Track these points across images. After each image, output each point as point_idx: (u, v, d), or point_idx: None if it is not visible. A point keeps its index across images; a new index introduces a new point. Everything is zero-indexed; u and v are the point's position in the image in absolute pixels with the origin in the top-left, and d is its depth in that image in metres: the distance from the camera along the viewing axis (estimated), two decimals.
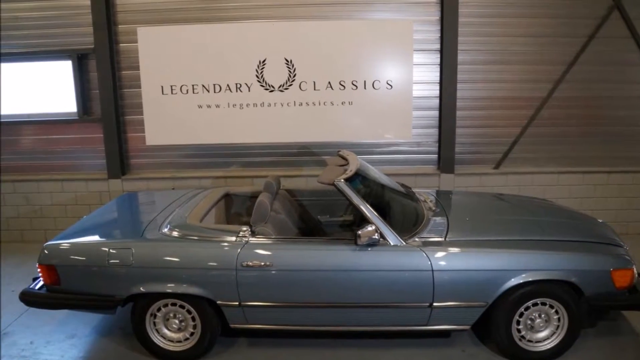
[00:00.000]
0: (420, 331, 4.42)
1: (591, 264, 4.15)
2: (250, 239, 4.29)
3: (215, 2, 7.03)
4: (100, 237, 4.73)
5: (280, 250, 4.25)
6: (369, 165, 5.25)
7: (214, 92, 7.11)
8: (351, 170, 4.53)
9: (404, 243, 4.18)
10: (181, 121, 7.25)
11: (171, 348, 4.42)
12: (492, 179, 7.33)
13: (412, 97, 7.13)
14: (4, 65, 7.25)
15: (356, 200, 4.25)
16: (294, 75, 7.06)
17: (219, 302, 4.22)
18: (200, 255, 4.25)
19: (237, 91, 7.11)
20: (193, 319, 4.35)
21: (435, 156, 7.39)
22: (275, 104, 7.15)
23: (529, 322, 4.24)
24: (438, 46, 7.06)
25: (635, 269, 4.25)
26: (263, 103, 7.15)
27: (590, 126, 7.28)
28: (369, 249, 4.14)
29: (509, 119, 7.25)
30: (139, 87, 7.20)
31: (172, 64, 7.09)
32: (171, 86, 7.14)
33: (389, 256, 4.14)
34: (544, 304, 4.19)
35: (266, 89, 7.11)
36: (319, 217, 5.76)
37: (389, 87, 7.08)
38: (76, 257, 4.34)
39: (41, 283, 4.51)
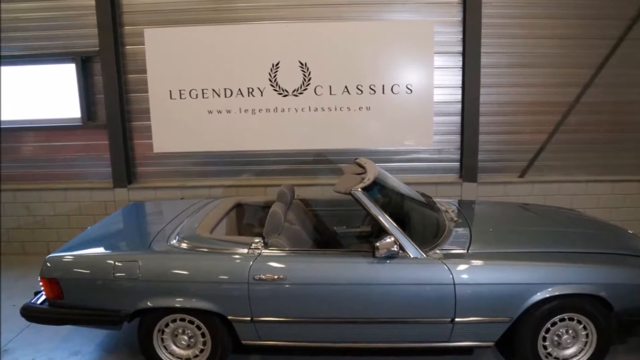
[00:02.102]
0: (441, 348, 4.40)
1: (621, 277, 4.14)
2: (262, 251, 4.31)
3: (226, 3, 7.09)
4: (106, 249, 4.77)
5: (295, 263, 4.25)
6: (388, 173, 5.27)
7: (225, 96, 7.18)
8: (369, 178, 4.54)
9: (425, 255, 4.19)
10: (190, 127, 7.32)
11: None
12: (517, 188, 7.34)
13: (432, 102, 7.16)
14: (5, 68, 7.34)
15: (374, 210, 4.25)
16: (309, 79, 7.11)
17: (230, 317, 4.24)
18: (210, 268, 4.26)
19: (249, 96, 7.17)
20: (203, 335, 4.37)
21: (457, 164, 7.41)
22: (289, 109, 7.20)
23: (556, 338, 4.25)
24: (460, 48, 7.10)
25: None
26: (276, 108, 7.20)
27: (621, 132, 7.29)
28: (388, 261, 4.15)
29: (535, 125, 7.27)
30: (146, 91, 7.28)
31: (181, 67, 7.16)
32: (180, 90, 7.21)
33: (409, 269, 4.14)
34: (571, 319, 4.19)
35: (280, 94, 7.17)
36: (335, 228, 5.76)
37: (409, 91, 7.11)
38: (80, 270, 4.37)
39: (43, 297, 4.53)
